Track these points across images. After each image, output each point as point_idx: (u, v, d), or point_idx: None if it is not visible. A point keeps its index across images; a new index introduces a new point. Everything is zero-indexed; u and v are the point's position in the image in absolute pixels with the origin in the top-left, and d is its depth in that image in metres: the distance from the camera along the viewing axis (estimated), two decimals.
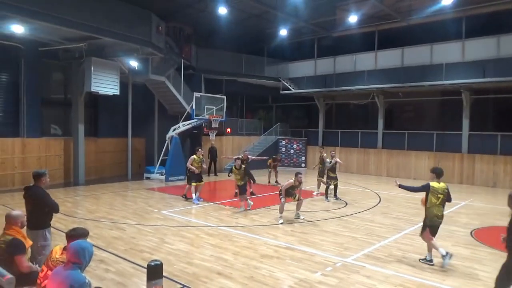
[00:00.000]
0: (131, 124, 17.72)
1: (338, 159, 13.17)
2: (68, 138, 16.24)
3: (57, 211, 5.80)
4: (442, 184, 6.72)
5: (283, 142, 24.03)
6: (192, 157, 12.46)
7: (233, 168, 11.26)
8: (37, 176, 5.76)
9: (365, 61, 21.21)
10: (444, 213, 6.90)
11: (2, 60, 14.18)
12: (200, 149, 12.88)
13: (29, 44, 14.08)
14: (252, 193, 12.98)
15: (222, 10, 17.19)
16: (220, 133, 20.55)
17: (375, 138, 21.49)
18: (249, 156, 13.95)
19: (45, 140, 15.47)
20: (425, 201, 6.78)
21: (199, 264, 6.57)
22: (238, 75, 23.28)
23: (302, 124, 26.35)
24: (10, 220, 4.92)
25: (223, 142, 21.75)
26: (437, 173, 6.83)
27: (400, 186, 7.11)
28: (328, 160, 13.02)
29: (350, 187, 15.78)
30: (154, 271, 4.32)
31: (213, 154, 19.47)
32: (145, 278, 4.42)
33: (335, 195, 12.90)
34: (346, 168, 21.79)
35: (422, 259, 6.92)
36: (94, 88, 14.79)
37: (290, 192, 9.94)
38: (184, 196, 12.64)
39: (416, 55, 19.38)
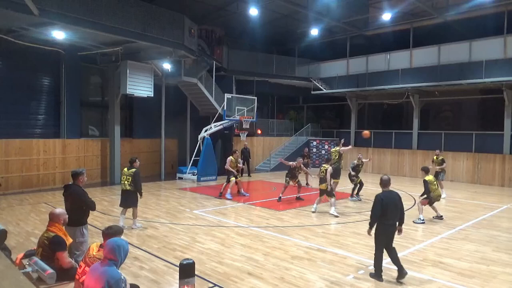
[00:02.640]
0: (164, 125, 18.15)
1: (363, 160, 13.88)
2: (104, 139, 16.85)
3: (94, 209, 6.03)
4: (431, 177, 10.23)
5: (314, 143, 23.80)
6: (229, 158, 13.16)
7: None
8: (75, 175, 6.03)
9: (399, 59, 20.64)
10: (484, 217, 7.00)
11: (44, 65, 14.89)
12: (236, 151, 13.98)
13: (69, 49, 14.71)
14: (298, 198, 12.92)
15: (253, 11, 17.26)
16: (251, 133, 20.63)
17: (410, 139, 20.86)
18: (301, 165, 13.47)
19: (84, 141, 16.12)
20: (428, 191, 9.97)
21: (230, 264, 6.62)
22: (268, 75, 23.30)
23: (333, 125, 26.00)
24: (53, 218, 5.17)
25: (253, 143, 21.82)
26: (425, 171, 10.21)
27: (422, 195, 10.25)
28: (354, 161, 13.73)
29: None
30: (187, 270, 4.40)
31: (245, 154, 19.57)
32: (177, 276, 4.51)
33: (356, 194, 13.31)
34: (379, 169, 21.32)
35: (416, 221, 9.81)
36: (129, 91, 15.26)
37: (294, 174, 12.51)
38: (220, 195, 13.11)
39: (453, 52, 18.64)
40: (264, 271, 6.31)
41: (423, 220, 9.92)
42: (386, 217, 5.98)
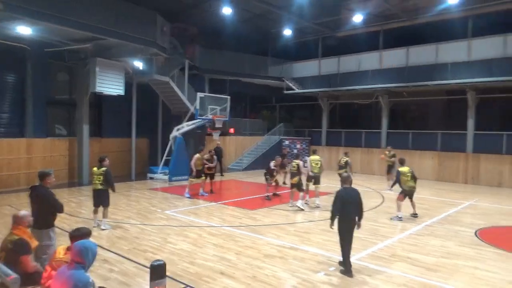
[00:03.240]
0: (135, 124, 17.80)
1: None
2: (72, 138, 16.33)
3: (61, 211, 5.84)
4: (406, 168, 10.25)
5: (287, 142, 24.00)
6: (195, 155, 13.32)
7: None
8: (43, 176, 5.82)
9: (369, 60, 21.14)
10: (449, 213, 7.18)
11: (9, 61, 14.30)
12: (202, 149, 14.31)
13: (35, 45, 14.18)
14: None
15: (226, 10, 17.22)
16: (224, 133, 20.57)
17: (379, 138, 21.42)
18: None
19: (50, 140, 15.58)
20: (398, 181, 10.18)
21: (202, 264, 6.59)
22: (241, 75, 23.30)
23: (305, 124, 26.32)
24: (17, 220, 4.96)
25: (226, 142, 21.77)
26: (401, 162, 10.62)
27: (392, 186, 10.45)
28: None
29: (353, 186, 15.70)
30: (157, 271, 4.35)
31: (218, 154, 19.48)
32: (148, 278, 4.45)
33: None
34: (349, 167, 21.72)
35: (393, 217, 9.87)
36: (99, 89, 14.88)
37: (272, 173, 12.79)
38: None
39: (421, 54, 19.28)
40: (237, 270, 6.32)
41: (401, 217, 9.98)
42: (345, 211, 6.22)
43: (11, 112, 14.52)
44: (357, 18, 18.63)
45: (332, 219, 6.31)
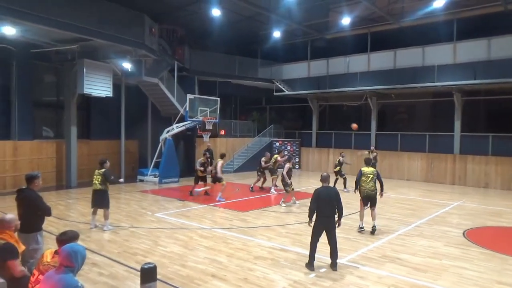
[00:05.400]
0: (124, 126, 17.63)
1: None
2: (60, 140, 16.11)
3: (49, 214, 5.76)
4: (370, 169, 9.02)
5: (277, 144, 24.06)
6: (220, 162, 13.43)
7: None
8: (30, 178, 5.72)
9: (358, 63, 21.34)
10: (437, 214, 7.14)
11: None
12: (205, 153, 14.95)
13: (21, 46, 13.96)
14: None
15: (215, 12, 17.18)
16: (214, 134, 20.53)
17: (368, 140, 21.60)
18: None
19: (37, 142, 15.33)
20: (357, 181, 9.02)
21: (193, 267, 6.55)
22: (231, 76, 23.29)
23: (295, 126, 26.41)
24: (3, 224, 4.87)
25: (216, 144, 21.71)
26: (366, 162, 9.28)
27: (355, 189, 9.14)
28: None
29: (342, 187, 15.86)
30: (148, 274, 4.32)
31: (208, 156, 19.40)
32: (138, 281, 4.41)
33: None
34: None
35: (361, 229, 8.89)
36: (86, 90, 14.71)
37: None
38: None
39: (408, 57, 19.55)
40: (228, 272, 6.30)
41: (362, 227, 8.94)
42: (322, 209, 6.45)
43: None
44: (345, 20, 18.79)
45: (310, 216, 6.55)
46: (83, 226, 9.12)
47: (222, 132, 22.85)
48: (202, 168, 13.91)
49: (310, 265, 6.47)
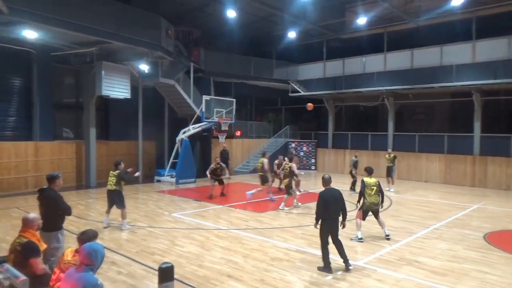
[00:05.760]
0: (142, 127, 17.88)
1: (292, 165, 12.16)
2: (79, 141, 16.44)
3: (69, 213, 5.88)
4: (373, 179, 8.30)
5: (293, 145, 23.98)
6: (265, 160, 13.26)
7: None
8: (51, 178, 5.86)
9: (374, 62, 21.08)
10: (456, 216, 6.94)
11: (15, 65, 14.44)
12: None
13: (41, 49, 14.31)
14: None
15: (230, 13, 17.25)
16: (230, 135, 20.60)
17: (385, 140, 21.31)
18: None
19: (58, 143, 15.68)
20: (361, 193, 8.27)
21: (210, 267, 6.59)
22: (247, 77, 23.32)
23: (311, 127, 26.27)
24: (27, 223, 5.00)
25: (232, 145, 21.78)
26: (368, 171, 8.60)
27: (358, 202, 8.51)
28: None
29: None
30: (165, 274, 4.35)
31: (224, 156, 19.50)
32: (156, 280, 4.46)
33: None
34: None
35: (354, 238, 8.22)
36: (105, 92, 14.97)
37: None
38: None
39: (425, 56, 19.18)
40: (244, 273, 6.32)
41: (361, 238, 8.29)
42: (328, 212, 6.46)
43: (18, 116, 14.65)
44: (361, 20, 18.60)
45: (317, 220, 6.55)
46: (102, 225, 9.27)
47: (238, 133, 22.91)
48: (212, 175, 13.48)
49: (327, 268, 6.41)
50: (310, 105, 15.79)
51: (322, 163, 23.86)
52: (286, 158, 12.95)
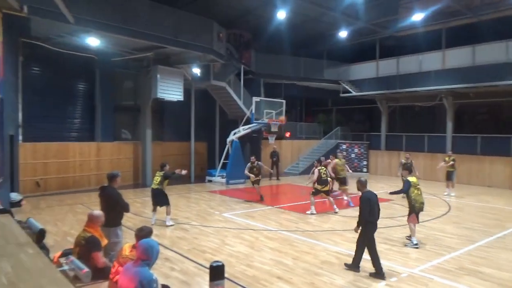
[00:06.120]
0: (194, 128, 18.42)
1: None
2: (136, 142, 17.29)
3: (128, 210, 6.19)
4: (414, 178, 8.11)
5: (344, 146, 23.45)
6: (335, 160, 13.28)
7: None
8: (111, 177, 6.21)
9: (431, 60, 20.02)
10: None
11: (80, 70, 15.48)
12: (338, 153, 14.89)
13: (102, 55, 15.22)
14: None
15: (281, 14, 17.25)
16: (279, 137, 20.59)
17: (444, 142, 20.17)
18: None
19: (117, 144, 16.61)
20: (406, 190, 7.92)
21: (259, 267, 6.62)
22: (297, 78, 23.19)
23: (363, 128, 25.54)
24: (92, 219, 5.34)
25: (282, 146, 21.77)
26: (408, 170, 8.58)
27: (391, 193, 8.35)
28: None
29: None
30: (217, 272, 4.44)
31: (274, 158, 19.53)
32: (207, 278, 4.55)
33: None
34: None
35: (408, 244, 7.91)
36: (160, 95, 15.60)
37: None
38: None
39: (489, 52, 17.87)
40: (294, 275, 6.27)
41: (416, 244, 7.93)
42: (373, 214, 6.40)
43: (82, 118, 15.71)
44: (417, 17, 17.74)
45: (361, 223, 6.45)
46: (156, 222, 9.64)
47: (288, 134, 22.84)
48: (251, 174, 13.01)
49: (379, 275, 6.20)
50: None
51: (375, 165, 23.11)
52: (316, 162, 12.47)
